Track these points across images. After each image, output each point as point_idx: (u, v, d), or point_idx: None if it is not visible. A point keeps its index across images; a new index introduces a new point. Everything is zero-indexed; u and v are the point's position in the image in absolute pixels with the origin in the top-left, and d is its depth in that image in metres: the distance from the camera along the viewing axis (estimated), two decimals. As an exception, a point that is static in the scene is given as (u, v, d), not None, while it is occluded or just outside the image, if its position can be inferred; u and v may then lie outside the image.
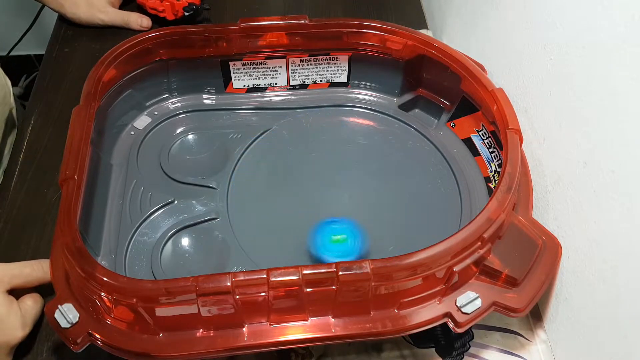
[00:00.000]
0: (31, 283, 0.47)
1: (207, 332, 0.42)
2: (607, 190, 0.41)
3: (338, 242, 0.49)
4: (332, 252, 0.49)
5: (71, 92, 0.68)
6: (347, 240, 0.49)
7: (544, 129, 0.50)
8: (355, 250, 0.49)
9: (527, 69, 0.52)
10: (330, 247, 0.49)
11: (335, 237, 0.49)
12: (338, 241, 0.49)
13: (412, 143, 0.61)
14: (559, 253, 0.46)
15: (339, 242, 0.49)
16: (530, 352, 0.49)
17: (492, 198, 0.44)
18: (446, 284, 0.42)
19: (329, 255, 0.49)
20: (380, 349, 0.49)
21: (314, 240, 0.50)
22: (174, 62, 0.60)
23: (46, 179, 0.60)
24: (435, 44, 0.57)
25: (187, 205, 0.55)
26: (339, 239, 0.49)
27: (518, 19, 0.54)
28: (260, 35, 0.59)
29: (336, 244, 0.49)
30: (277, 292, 0.40)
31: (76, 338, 0.41)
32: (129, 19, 0.74)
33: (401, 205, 0.56)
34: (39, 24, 1.04)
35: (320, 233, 0.50)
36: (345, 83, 0.65)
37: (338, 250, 0.49)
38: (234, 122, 0.62)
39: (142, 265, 0.51)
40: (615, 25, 0.39)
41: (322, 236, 0.50)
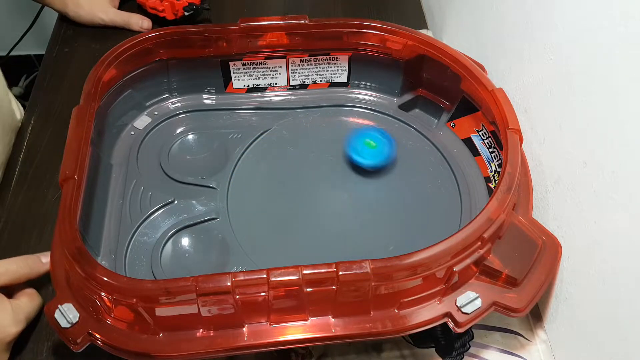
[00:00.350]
0: (18, 280, 0.47)
1: (207, 332, 0.42)
2: (607, 190, 0.41)
3: (369, 145, 0.57)
4: (364, 155, 0.57)
5: (71, 92, 0.68)
6: (378, 146, 0.57)
7: (544, 129, 0.50)
8: (384, 153, 0.57)
9: (527, 69, 0.52)
10: (362, 150, 0.57)
11: (368, 141, 0.57)
12: (369, 145, 0.57)
13: (412, 143, 0.61)
14: (559, 253, 0.46)
15: (370, 145, 0.57)
16: (530, 352, 0.49)
17: (492, 198, 0.44)
18: (446, 284, 0.42)
19: (362, 158, 0.57)
20: (380, 349, 0.49)
21: (350, 143, 0.57)
22: (174, 62, 0.60)
23: (46, 179, 0.60)
24: (435, 44, 0.57)
25: (187, 205, 0.55)
26: (370, 143, 0.57)
27: (518, 19, 0.54)
28: (260, 35, 0.59)
29: (368, 148, 0.57)
30: (277, 292, 0.40)
31: (76, 338, 0.41)
32: (129, 19, 0.74)
33: (401, 205, 0.56)
34: (39, 24, 1.04)
35: (356, 138, 0.58)
36: (345, 83, 0.65)
37: (369, 152, 0.57)
38: (234, 122, 0.62)
39: (142, 265, 0.50)
40: (615, 25, 0.39)
41: (357, 140, 0.57)
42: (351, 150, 0.57)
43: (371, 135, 0.57)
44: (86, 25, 0.75)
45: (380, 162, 0.57)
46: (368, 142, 0.56)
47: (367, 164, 0.57)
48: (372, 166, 0.57)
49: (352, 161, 0.57)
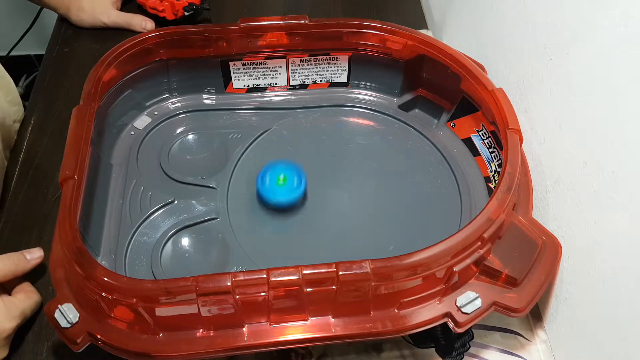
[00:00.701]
0: (5, 277, 0.47)
1: (207, 332, 0.42)
2: (607, 190, 0.41)
3: (283, 184, 0.53)
4: (278, 194, 0.53)
5: (71, 92, 0.68)
6: (288, 180, 0.54)
7: (544, 129, 0.50)
8: (299, 187, 0.53)
9: (527, 69, 0.52)
10: (276, 190, 0.53)
11: (280, 180, 0.54)
12: (283, 182, 0.53)
13: (412, 143, 0.61)
14: (559, 253, 0.46)
15: (284, 182, 0.53)
16: (530, 352, 0.49)
17: (492, 198, 0.44)
18: (446, 284, 0.42)
19: (276, 198, 0.53)
20: (380, 349, 0.49)
21: (261, 187, 0.54)
22: (174, 62, 0.60)
23: (46, 179, 0.60)
24: (435, 44, 0.57)
25: (187, 205, 0.55)
26: (283, 179, 0.54)
27: (518, 19, 0.54)
28: (260, 35, 0.59)
29: (281, 187, 0.53)
30: (277, 292, 0.40)
31: (76, 338, 0.41)
32: (132, 21, 0.74)
33: (401, 205, 0.56)
34: (39, 24, 1.04)
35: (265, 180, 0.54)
36: (345, 83, 0.65)
37: (283, 191, 0.53)
38: (234, 122, 0.62)
39: (142, 265, 0.51)
40: (615, 25, 0.39)
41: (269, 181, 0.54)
42: (263, 189, 0.53)
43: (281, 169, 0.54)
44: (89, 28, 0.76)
45: (292, 199, 0.54)
46: (279, 179, 0.53)
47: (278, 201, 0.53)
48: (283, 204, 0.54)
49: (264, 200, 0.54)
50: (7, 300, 0.46)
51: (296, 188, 0.53)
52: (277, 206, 0.54)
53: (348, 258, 0.41)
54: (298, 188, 0.53)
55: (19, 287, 0.49)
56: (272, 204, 0.54)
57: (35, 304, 0.49)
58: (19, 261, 0.48)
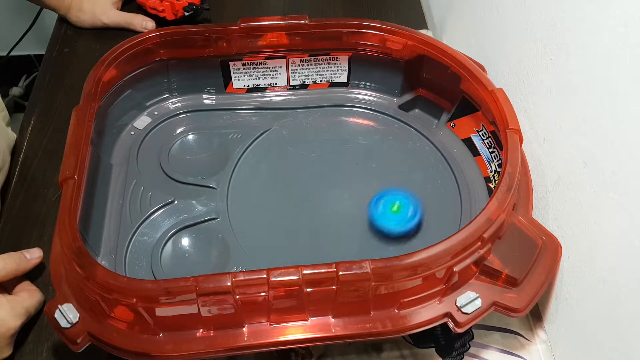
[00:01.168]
0: (6, 277, 0.47)
1: (207, 332, 0.42)
2: (607, 190, 0.41)
3: (397, 211, 0.52)
4: (392, 221, 0.52)
5: (71, 92, 0.68)
6: (403, 208, 0.52)
7: (544, 129, 0.50)
8: (413, 217, 0.52)
9: (527, 69, 0.52)
10: (390, 217, 0.52)
11: (394, 207, 0.52)
12: (397, 211, 0.52)
13: (412, 143, 0.61)
14: (559, 253, 0.46)
15: (397, 211, 0.52)
16: (530, 352, 0.49)
17: (492, 198, 0.44)
18: (446, 284, 0.42)
19: (390, 225, 0.52)
20: (380, 349, 0.49)
21: (374, 212, 0.53)
22: (174, 62, 0.60)
23: (46, 179, 0.60)
24: (435, 44, 0.57)
25: (187, 205, 0.55)
26: (397, 209, 0.52)
27: (518, 19, 0.54)
28: (260, 35, 0.59)
29: (395, 214, 0.52)
30: (277, 292, 0.40)
31: (76, 338, 0.41)
32: (132, 20, 0.74)
33: (401, 205, 0.56)
34: (39, 24, 1.04)
35: (379, 205, 0.53)
36: (345, 83, 0.65)
37: (396, 219, 0.52)
38: (234, 122, 0.62)
39: (142, 265, 0.51)
40: (615, 25, 0.39)
41: (382, 207, 0.53)
42: (378, 219, 0.52)
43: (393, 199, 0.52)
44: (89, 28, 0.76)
45: (408, 228, 0.52)
46: (393, 207, 0.52)
47: (395, 231, 0.52)
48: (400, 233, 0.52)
49: (379, 229, 0.52)
50: (11, 299, 0.47)
51: (410, 219, 0.52)
52: (388, 235, 0.52)
53: (348, 258, 0.41)
54: (412, 219, 0.52)
55: (21, 286, 0.49)
56: (384, 232, 0.52)
57: (39, 302, 0.49)
58: (19, 261, 0.48)
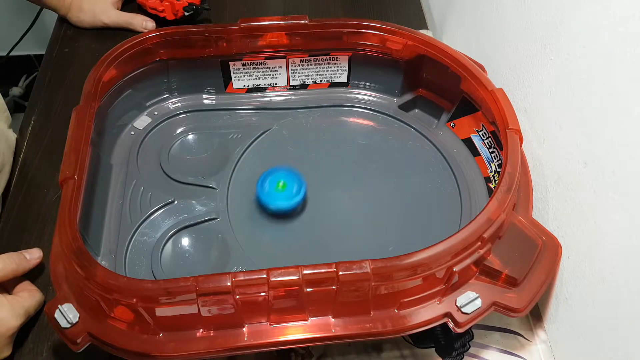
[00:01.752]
0: (5, 277, 0.47)
1: (207, 332, 0.42)
2: (607, 190, 0.41)
3: (283, 188, 0.53)
4: (278, 199, 0.53)
5: (71, 92, 0.68)
6: (288, 186, 0.53)
7: (544, 129, 0.50)
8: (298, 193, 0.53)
9: (527, 69, 0.52)
10: (276, 195, 0.53)
11: (279, 186, 0.53)
12: (283, 187, 0.53)
13: (412, 143, 0.61)
14: (559, 253, 0.46)
15: (284, 188, 0.53)
16: (530, 352, 0.49)
17: (492, 198, 0.44)
18: (446, 284, 0.42)
19: (277, 203, 0.53)
20: (380, 349, 0.49)
21: (260, 192, 0.53)
22: (174, 62, 0.60)
23: (46, 179, 0.60)
24: (435, 44, 0.57)
25: (187, 205, 0.55)
26: (283, 185, 0.53)
27: (518, 19, 0.54)
28: (260, 35, 0.59)
29: (281, 191, 0.53)
30: (277, 292, 0.40)
31: (76, 338, 0.41)
32: (132, 20, 0.74)
33: (401, 205, 0.56)
34: (39, 24, 1.04)
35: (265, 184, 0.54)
36: (345, 83, 0.65)
37: (282, 196, 0.53)
38: (234, 122, 0.62)
39: (142, 265, 0.51)
40: (615, 25, 0.39)
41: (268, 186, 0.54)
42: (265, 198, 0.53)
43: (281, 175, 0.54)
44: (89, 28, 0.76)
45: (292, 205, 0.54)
46: (278, 185, 0.53)
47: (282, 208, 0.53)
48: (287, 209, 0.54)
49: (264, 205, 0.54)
50: (11, 299, 0.47)
51: (295, 195, 0.53)
52: (275, 212, 0.54)
53: (348, 258, 0.41)
54: (297, 195, 0.53)
55: (21, 286, 0.49)
56: (271, 209, 0.54)
57: (39, 303, 0.49)
58: (19, 261, 0.48)
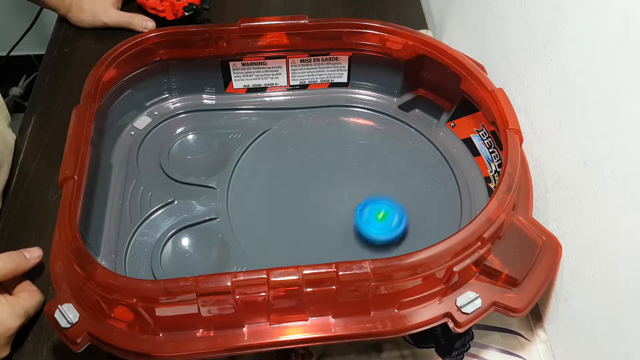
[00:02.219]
0: (5, 276, 0.47)
1: (207, 332, 0.42)
2: (607, 190, 0.41)
3: (382, 219, 0.52)
4: (377, 229, 0.52)
5: (71, 92, 0.68)
6: (389, 216, 0.52)
7: (544, 129, 0.50)
8: (399, 225, 0.52)
9: (527, 69, 0.52)
10: (375, 225, 0.52)
11: (379, 215, 0.52)
12: (382, 219, 0.52)
13: (412, 143, 0.61)
14: (559, 253, 0.46)
15: (383, 219, 0.52)
16: (530, 352, 0.49)
17: (492, 198, 0.44)
18: (446, 284, 0.42)
19: (375, 234, 0.51)
20: (380, 349, 0.49)
21: (359, 220, 0.52)
22: (174, 62, 0.60)
23: (46, 179, 0.60)
24: (435, 44, 0.57)
25: (187, 205, 0.55)
26: (382, 216, 0.52)
27: (518, 19, 0.54)
28: (260, 35, 0.59)
29: (381, 222, 0.52)
30: (277, 292, 0.40)
31: (76, 338, 0.41)
32: (132, 20, 0.74)
33: (401, 205, 0.56)
34: (39, 24, 1.04)
35: (364, 213, 0.53)
36: (345, 83, 0.65)
37: (382, 227, 0.52)
38: (234, 122, 0.62)
39: (142, 265, 0.51)
40: (615, 25, 0.39)
41: (367, 215, 0.53)
42: (364, 228, 0.52)
43: (378, 207, 0.53)
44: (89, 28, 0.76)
45: (394, 236, 0.52)
46: (379, 215, 0.52)
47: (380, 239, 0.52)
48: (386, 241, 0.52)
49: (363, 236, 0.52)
50: (10, 299, 0.47)
51: (395, 227, 0.52)
52: (373, 242, 0.52)
53: (348, 258, 0.41)
54: (397, 228, 0.52)
55: (21, 286, 0.49)
56: (368, 239, 0.52)
57: (38, 303, 0.49)
58: (19, 260, 0.48)
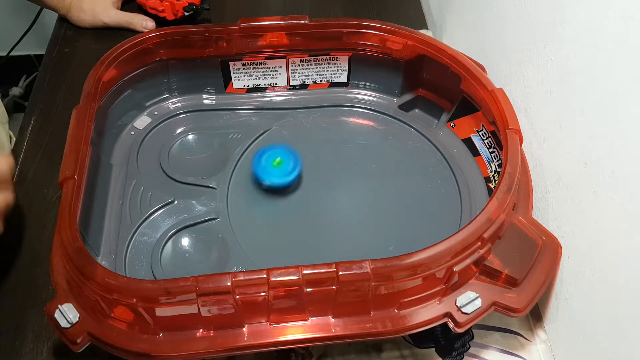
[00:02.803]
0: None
1: (207, 332, 0.42)
2: (607, 190, 0.41)
3: (279, 164, 0.55)
4: (273, 175, 0.55)
5: (71, 92, 0.68)
6: (284, 162, 0.55)
7: (544, 129, 0.50)
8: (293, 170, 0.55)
9: (527, 69, 0.52)
10: (271, 170, 0.55)
11: (275, 161, 0.55)
12: (279, 164, 0.55)
13: (412, 143, 0.61)
14: (559, 253, 0.46)
15: (279, 164, 0.55)
16: (530, 352, 0.49)
17: (492, 198, 0.44)
18: (446, 284, 0.42)
19: (271, 178, 0.55)
20: (380, 349, 0.49)
21: (256, 168, 0.55)
22: (174, 62, 0.60)
23: (46, 179, 0.60)
24: (435, 44, 0.57)
25: (187, 205, 0.55)
26: (279, 162, 0.55)
27: (518, 19, 0.54)
28: (260, 35, 0.59)
29: (278, 167, 0.55)
30: (277, 292, 0.40)
31: (76, 338, 0.41)
32: (132, 20, 0.74)
33: (401, 205, 0.56)
34: (39, 24, 1.04)
35: (261, 160, 0.55)
36: (345, 83, 0.65)
37: (280, 172, 0.55)
38: (234, 122, 0.62)
39: (142, 265, 0.51)
40: (615, 25, 0.39)
41: (263, 162, 0.55)
42: (260, 173, 0.55)
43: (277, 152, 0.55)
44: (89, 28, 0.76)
45: (288, 181, 0.55)
46: (275, 161, 0.55)
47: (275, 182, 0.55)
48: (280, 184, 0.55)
49: (260, 181, 0.55)
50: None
51: (290, 172, 0.55)
52: (270, 187, 0.55)
53: (348, 258, 0.41)
54: (292, 172, 0.55)
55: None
56: (266, 185, 0.55)
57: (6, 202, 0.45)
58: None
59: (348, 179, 0.58)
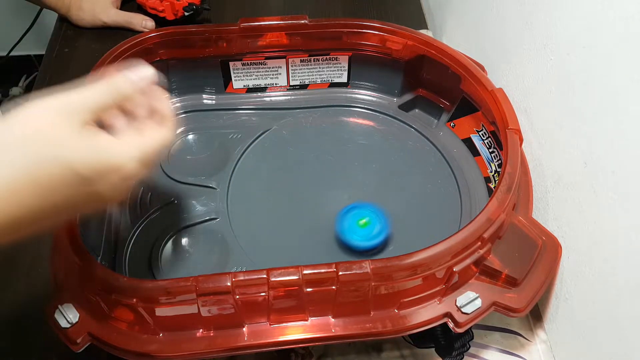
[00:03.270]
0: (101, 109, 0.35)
1: (207, 332, 0.42)
2: (607, 190, 0.41)
3: (364, 225, 0.51)
4: (359, 236, 0.50)
5: (71, 92, 0.68)
6: (371, 223, 0.51)
7: (544, 129, 0.50)
8: (381, 233, 0.51)
9: (527, 69, 0.52)
10: (357, 231, 0.51)
11: (362, 222, 0.51)
12: (364, 225, 0.51)
13: (412, 143, 0.61)
14: (559, 253, 0.46)
15: (365, 225, 0.51)
16: (530, 352, 0.49)
17: (492, 198, 0.44)
18: (446, 284, 0.42)
19: (357, 240, 0.50)
20: (380, 349, 0.49)
21: (341, 226, 0.51)
22: (174, 62, 0.60)
23: (46, 179, 0.59)
24: (435, 44, 0.57)
25: (187, 205, 0.55)
26: (365, 223, 0.51)
27: (518, 19, 0.54)
28: (260, 35, 0.59)
29: (363, 228, 0.51)
30: (277, 292, 0.40)
31: (76, 338, 0.41)
32: (132, 20, 0.74)
33: (401, 205, 0.56)
34: (39, 24, 1.04)
35: (346, 218, 0.52)
36: (345, 83, 0.65)
37: (364, 233, 0.51)
38: (234, 122, 0.62)
39: (142, 265, 0.50)
40: (615, 25, 0.39)
41: (349, 221, 0.51)
42: (345, 233, 0.51)
43: (363, 213, 0.52)
44: (89, 27, 0.76)
45: (376, 243, 0.51)
46: (361, 222, 0.51)
47: (362, 245, 0.50)
48: (368, 247, 0.50)
49: (345, 243, 0.51)
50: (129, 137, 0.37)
51: (376, 235, 0.50)
52: (352, 248, 0.51)
53: (348, 258, 0.41)
54: (378, 236, 0.50)
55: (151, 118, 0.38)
56: (349, 246, 0.51)
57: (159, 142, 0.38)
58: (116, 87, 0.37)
59: (348, 179, 0.58)
